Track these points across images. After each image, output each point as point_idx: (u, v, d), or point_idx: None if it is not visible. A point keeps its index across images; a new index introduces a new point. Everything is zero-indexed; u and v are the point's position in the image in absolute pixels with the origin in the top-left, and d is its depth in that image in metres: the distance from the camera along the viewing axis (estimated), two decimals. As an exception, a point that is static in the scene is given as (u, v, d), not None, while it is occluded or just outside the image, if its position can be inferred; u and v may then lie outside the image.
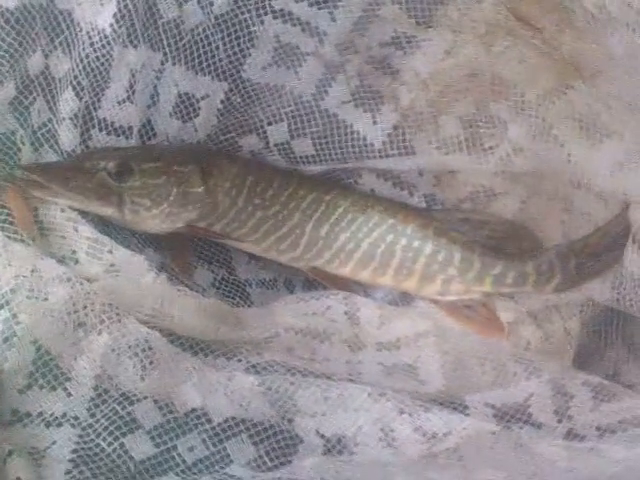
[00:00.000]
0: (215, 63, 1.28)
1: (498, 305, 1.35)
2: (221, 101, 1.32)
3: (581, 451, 1.10)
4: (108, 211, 1.22)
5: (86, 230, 1.13)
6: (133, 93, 1.23)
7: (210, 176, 1.29)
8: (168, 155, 1.29)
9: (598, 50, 1.15)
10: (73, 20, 1.16)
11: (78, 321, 1.02)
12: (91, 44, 1.16)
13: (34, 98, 1.17)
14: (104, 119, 1.23)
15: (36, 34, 1.13)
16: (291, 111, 1.35)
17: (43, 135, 1.19)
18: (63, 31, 1.16)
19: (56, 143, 1.20)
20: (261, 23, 1.26)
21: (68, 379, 1.01)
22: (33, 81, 1.16)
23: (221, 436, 1.06)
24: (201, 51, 1.27)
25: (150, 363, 1.04)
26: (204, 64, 1.28)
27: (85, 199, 1.18)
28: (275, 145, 1.38)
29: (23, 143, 1.15)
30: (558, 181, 1.34)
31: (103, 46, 1.16)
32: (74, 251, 1.12)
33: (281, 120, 1.36)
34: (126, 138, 1.26)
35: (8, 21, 1.09)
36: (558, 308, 1.36)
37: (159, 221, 1.27)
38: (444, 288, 1.34)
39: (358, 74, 1.33)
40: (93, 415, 1.01)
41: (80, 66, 1.17)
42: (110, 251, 1.12)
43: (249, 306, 1.38)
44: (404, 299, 1.40)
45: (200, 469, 1.06)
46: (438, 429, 1.07)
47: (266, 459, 1.07)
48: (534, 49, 1.25)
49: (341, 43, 1.30)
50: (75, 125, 1.20)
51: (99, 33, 1.15)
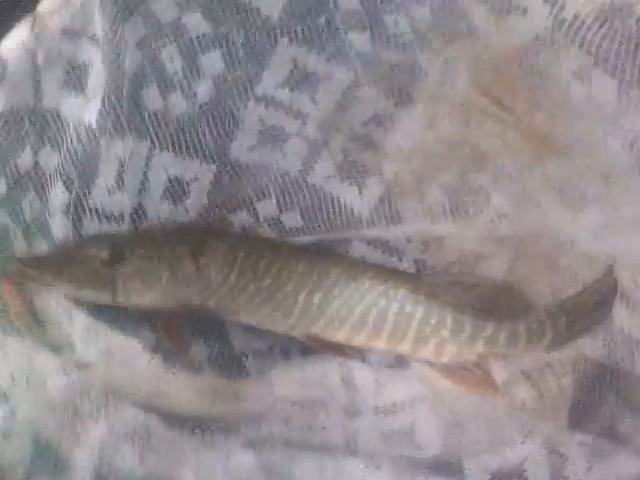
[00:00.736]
0: (202, 147, 1.32)
1: (492, 365, 1.36)
2: (210, 182, 1.35)
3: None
4: (102, 297, 1.24)
5: (81, 317, 1.16)
6: (122, 181, 1.26)
7: (201, 255, 1.31)
8: (159, 238, 1.31)
9: (570, 131, 1.18)
10: (60, 117, 1.20)
11: (75, 412, 1.03)
12: (78, 139, 1.20)
13: (25, 193, 1.20)
14: (95, 208, 1.26)
15: (25, 133, 1.17)
16: (279, 187, 1.39)
17: (36, 227, 1.22)
18: (51, 128, 1.20)
19: (49, 234, 1.23)
20: (245, 108, 1.30)
21: (67, 471, 1.02)
22: (23, 177, 1.20)
23: (219, 519, 1.07)
24: (187, 137, 1.31)
25: (148, 449, 1.05)
26: (191, 149, 1.31)
27: (79, 288, 1.20)
28: (265, 219, 1.41)
29: (15, 237, 1.18)
30: (543, 243, 1.36)
31: (90, 140, 1.20)
32: (70, 338, 1.15)
33: (269, 196, 1.39)
34: (117, 224, 1.29)
35: (-4, 124, 1.12)
36: (551, 366, 1.36)
37: (152, 303, 1.29)
38: (437, 350, 1.35)
39: (342, 150, 1.37)
40: None
41: (69, 160, 1.20)
42: (105, 336, 1.15)
43: (246, 377, 1.38)
44: (399, 361, 1.40)
45: None
46: (434, 500, 1.08)
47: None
48: (509, 125, 1.28)
49: (324, 123, 1.33)
50: (67, 216, 1.23)
51: (86, 128, 1.19)
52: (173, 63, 1.25)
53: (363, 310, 1.36)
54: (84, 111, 1.20)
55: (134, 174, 1.29)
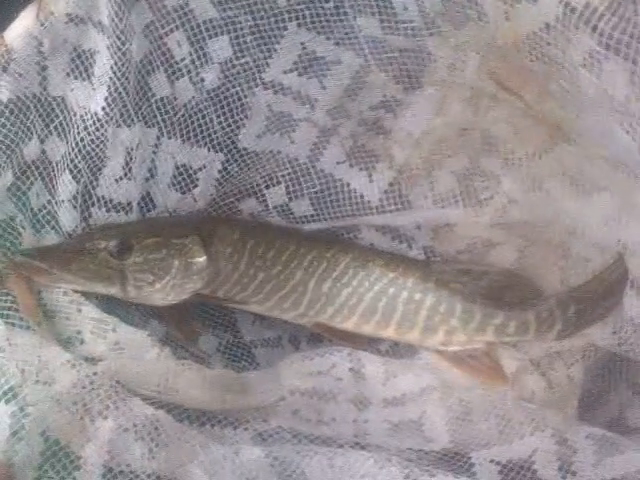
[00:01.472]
0: (210, 135, 1.31)
1: (501, 354, 1.36)
2: (218, 171, 1.34)
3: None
4: (112, 290, 1.24)
5: (90, 310, 1.15)
6: (130, 170, 1.25)
7: (211, 244, 1.31)
8: (168, 228, 1.30)
9: (580, 120, 1.16)
10: (67, 106, 1.18)
11: (84, 408, 1.02)
12: (85, 127, 1.18)
13: (32, 183, 1.19)
14: (102, 197, 1.25)
15: (31, 122, 1.15)
16: (288, 174, 1.39)
17: (43, 217, 1.21)
18: (58, 116, 1.18)
19: (57, 224, 1.22)
20: (253, 95, 1.28)
21: (77, 468, 1.01)
22: (30, 166, 1.18)
23: (228, 515, 1.07)
24: (195, 124, 1.29)
25: (156, 445, 1.04)
26: (199, 136, 1.30)
27: (88, 281, 1.20)
28: (274, 207, 1.41)
29: (23, 227, 1.16)
30: (553, 230, 1.36)
31: (97, 129, 1.18)
32: (79, 332, 1.14)
33: (278, 183, 1.39)
34: (126, 213, 1.28)
35: (2, 113, 1.11)
36: (561, 355, 1.36)
37: (164, 294, 1.28)
38: (447, 339, 1.35)
39: (351, 136, 1.36)
40: None
41: (76, 149, 1.19)
42: (114, 329, 1.14)
43: (255, 368, 1.40)
44: (409, 352, 1.40)
45: None
46: (444, 494, 1.08)
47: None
48: (519, 111, 1.27)
49: (332, 108, 1.32)
50: (74, 206, 1.22)
51: (92, 117, 1.17)
52: (180, 49, 1.23)
53: (372, 298, 1.36)
54: (90, 99, 1.17)
55: (142, 162, 1.28)
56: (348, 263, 1.36)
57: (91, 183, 1.23)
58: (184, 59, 1.24)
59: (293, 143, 1.35)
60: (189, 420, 1.12)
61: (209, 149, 1.32)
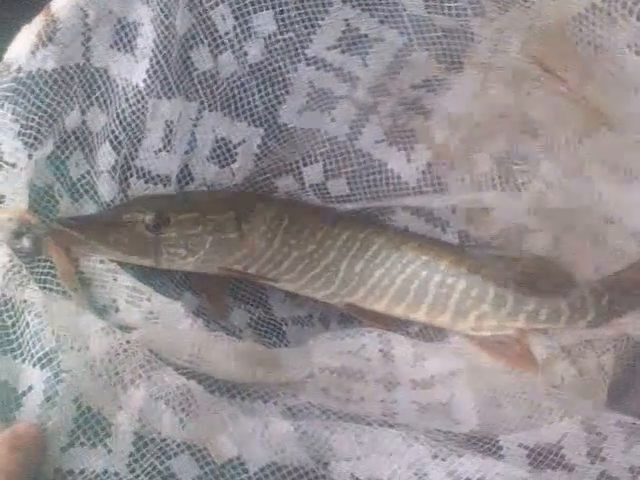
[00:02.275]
0: (251, 109, 1.31)
1: (531, 341, 1.36)
2: (258, 146, 1.34)
3: (614, 493, 1.11)
4: (145, 262, 1.25)
5: (125, 279, 1.15)
6: (169, 142, 1.25)
7: (246, 222, 1.31)
8: (203, 204, 1.31)
9: (622, 104, 1.15)
10: (109, 77, 1.18)
11: (117, 376, 1.03)
12: (126, 99, 1.18)
13: (71, 152, 1.19)
14: (142, 168, 1.25)
15: (74, 92, 1.15)
16: (326, 152, 1.39)
17: (82, 186, 1.21)
18: (100, 87, 1.18)
19: (95, 194, 1.22)
20: (295, 70, 1.28)
21: (108, 435, 1.02)
22: (70, 136, 1.18)
23: (258, 485, 1.07)
24: (237, 98, 1.29)
25: (187, 415, 1.04)
26: (240, 110, 1.30)
27: (123, 253, 1.20)
28: (310, 186, 1.41)
29: (61, 195, 1.17)
30: (590, 217, 1.35)
31: (138, 100, 1.18)
32: (114, 300, 1.14)
33: (316, 161, 1.39)
34: (164, 186, 1.28)
35: (46, 82, 1.11)
36: (592, 343, 1.35)
37: (195, 267, 1.29)
38: (478, 324, 1.35)
39: (391, 115, 1.36)
40: (133, 471, 1.01)
41: (117, 121, 1.19)
42: (149, 299, 1.14)
43: (285, 345, 1.40)
44: (438, 335, 1.40)
45: (237, 519, 1.07)
46: (471, 474, 1.08)
47: (302, 505, 1.08)
48: (560, 95, 1.25)
49: (373, 86, 1.32)
50: (113, 177, 1.22)
51: (133, 89, 1.18)
52: (225, 23, 1.22)
53: (405, 280, 1.36)
54: (132, 71, 1.18)
55: (182, 135, 1.28)
56: (382, 244, 1.36)
57: (130, 154, 1.23)
58: (228, 33, 1.23)
59: (333, 121, 1.35)
60: (220, 392, 1.13)
61: (249, 123, 1.32)
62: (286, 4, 1.23)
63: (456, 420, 1.23)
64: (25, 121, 1.10)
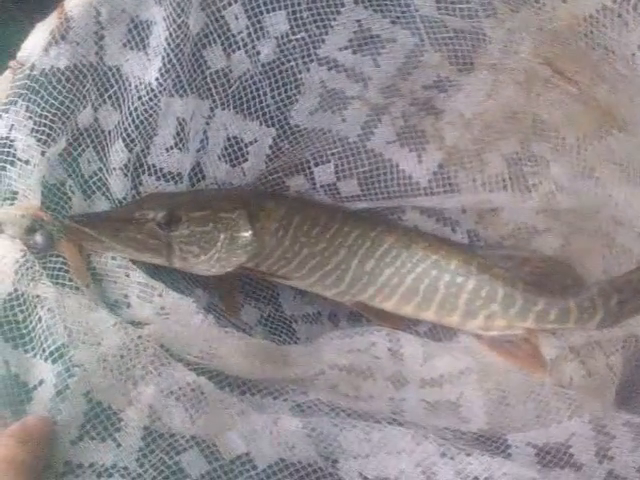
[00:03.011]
0: (263, 109, 1.31)
1: (541, 341, 1.36)
2: (269, 146, 1.35)
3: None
4: (157, 260, 1.25)
5: (137, 275, 1.15)
6: (181, 140, 1.25)
7: (257, 220, 1.32)
8: (216, 201, 1.31)
9: (633, 105, 1.16)
10: (122, 75, 1.19)
11: (128, 372, 1.04)
12: (139, 97, 1.19)
13: (83, 150, 1.19)
14: (153, 165, 1.26)
15: (87, 90, 1.15)
16: (337, 152, 1.39)
17: (94, 183, 1.22)
18: (112, 86, 1.19)
19: (107, 191, 1.23)
20: (307, 70, 1.28)
21: (118, 430, 1.03)
22: (82, 134, 1.18)
23: (266, 482, 1.07)
24: (249, 97, 1.30)
25: (197, 411, 1.05)
26: (252, 109, 1.31)
27: (135, 251, 1.20)
28: (321, 186, 1.41)
29: (73, 192, 1.17)
30: (600, 218, 1.35)
31: (150, 99, 1.19)
32: (126, 295, 1.15)
33: (328, 161, 1.39)
34: (175, 183, 1.28)
35: (59, 80, 1.12)
36: (600, 343, 1.36)
37: (208, 266, 1.29)
38: (487, 324, 1.35)
39: (403, 115, 1.36)
40: (142, 465, 1.02)
41: (129, 119, 1.20)
42: (160, 295, 1.15)
43: (295, 342, 1.41)
44: (447, 333, 1.41)
45: (246, 515, 1.07)
46: (479, 473, 1.08)
47: (310, 502, 1.08)
48: (571, 96, 1.26)
49: (385, 87, 1.32)
50: (125, 174, 1.23)
51: (146, 87, 1.18)
52: (237, 22, 1.23)
53: (414, 280, 1.36)
54: (145, 70, 1.19)
55: (195, 134, 1.29)
56: (392, 243, 1.37)
57: (142, 152, 1.24)
58: (241, 32, 1.24)
59: (344, 121, 1.36)
60: (230, 388, 1.13)
61: (261, 123, 1.32)
62: (299, 4, 1.23)
63: (465, 419, 1.23)
64: (38, 118, 1.11)
